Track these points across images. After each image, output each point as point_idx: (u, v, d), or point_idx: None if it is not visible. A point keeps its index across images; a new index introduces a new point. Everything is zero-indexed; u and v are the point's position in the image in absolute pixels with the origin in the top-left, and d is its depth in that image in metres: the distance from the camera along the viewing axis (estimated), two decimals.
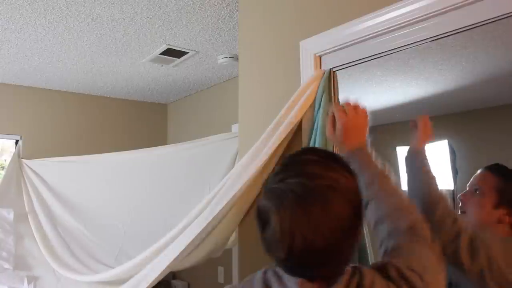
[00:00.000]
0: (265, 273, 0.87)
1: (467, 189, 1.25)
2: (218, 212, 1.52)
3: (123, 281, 1.87)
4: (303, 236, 0.72)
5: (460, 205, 1.25)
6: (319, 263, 0.76)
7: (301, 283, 0.79)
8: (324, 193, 0.74)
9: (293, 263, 0.77)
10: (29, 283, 2.98)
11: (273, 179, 0.79)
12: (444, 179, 1.70)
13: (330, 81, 1.48)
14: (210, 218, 1.53)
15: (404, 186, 1.88)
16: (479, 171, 1.26)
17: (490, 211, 1.17)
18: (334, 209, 0.73)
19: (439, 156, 1.76)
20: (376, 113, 1.80)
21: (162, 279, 1.68)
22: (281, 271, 0.83)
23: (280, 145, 1.48)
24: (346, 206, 0.74)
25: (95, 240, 3.04)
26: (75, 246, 3.07)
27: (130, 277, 1.81)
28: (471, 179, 1.26)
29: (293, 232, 0.72)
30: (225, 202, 1.51)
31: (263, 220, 0.77)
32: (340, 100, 1.48)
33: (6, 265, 3.08)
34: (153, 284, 1.67)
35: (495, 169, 1.23)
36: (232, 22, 2.58)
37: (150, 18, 2.51)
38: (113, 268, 2.59)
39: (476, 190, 1.22)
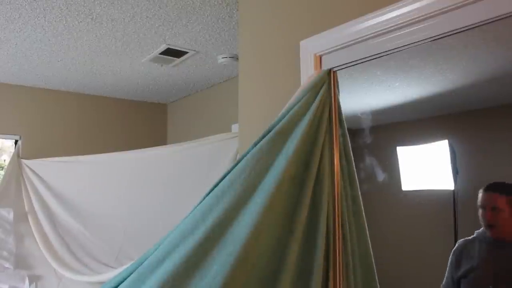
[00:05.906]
0: None
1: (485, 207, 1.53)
2: None
3: None
4: None
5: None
6: None
7: None
8: None
9: None
10: (30, 283, 2.99)
11: None
12: (444, 179, 1.70)
13: (330, 81, 1.48)
14: None
15: (404, 186, 1.87)
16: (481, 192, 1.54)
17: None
18: None
19: (439, 156, 1.76)
20: (376, 113, 1.80)
21: None
22: None
23: None
24: None
25: (95, 240, 3.04)
26: (75, 246, 3.07)
27: None
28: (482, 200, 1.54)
29: None
30: None
31: None
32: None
33: (7, 265, 3.08)
34: None
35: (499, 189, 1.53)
36: (232, 22, 2.57)
37: (150, 18, 2.51)
38: (114, 268, 2.59)
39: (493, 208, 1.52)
